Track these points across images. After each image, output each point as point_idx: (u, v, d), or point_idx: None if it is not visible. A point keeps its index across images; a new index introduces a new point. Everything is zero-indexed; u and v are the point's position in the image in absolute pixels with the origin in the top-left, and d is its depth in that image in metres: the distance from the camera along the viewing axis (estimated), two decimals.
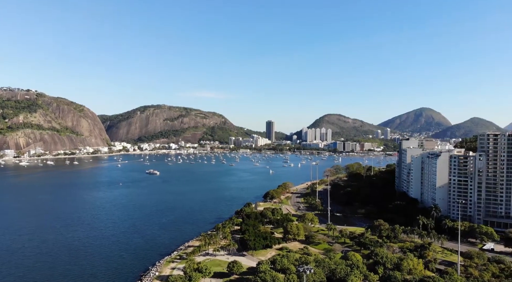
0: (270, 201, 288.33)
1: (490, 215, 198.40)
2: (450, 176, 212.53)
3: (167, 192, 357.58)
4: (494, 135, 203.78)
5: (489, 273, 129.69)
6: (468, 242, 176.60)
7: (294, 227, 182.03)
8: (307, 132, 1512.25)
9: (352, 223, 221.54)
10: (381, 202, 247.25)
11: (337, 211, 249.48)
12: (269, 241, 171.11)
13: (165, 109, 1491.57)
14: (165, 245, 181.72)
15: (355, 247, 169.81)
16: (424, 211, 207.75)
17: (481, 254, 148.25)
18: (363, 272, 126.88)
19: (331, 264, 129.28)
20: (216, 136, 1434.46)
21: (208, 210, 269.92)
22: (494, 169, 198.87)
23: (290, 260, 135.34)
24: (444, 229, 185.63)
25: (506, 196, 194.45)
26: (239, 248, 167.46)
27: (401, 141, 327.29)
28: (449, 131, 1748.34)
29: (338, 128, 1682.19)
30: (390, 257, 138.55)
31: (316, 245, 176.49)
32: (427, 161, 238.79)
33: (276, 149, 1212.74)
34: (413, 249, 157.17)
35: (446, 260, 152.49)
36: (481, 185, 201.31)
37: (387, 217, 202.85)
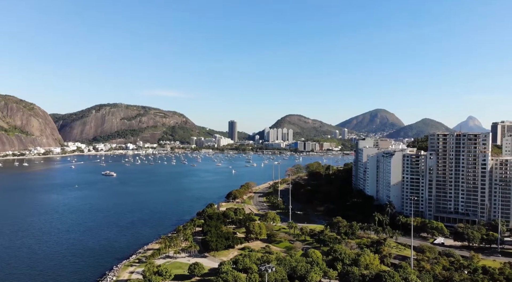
0: (232, 201, 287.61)
1: (440, 211, 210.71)
2: (403, 174, 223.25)
3: (124, 194, 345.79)
4: (444, 135, 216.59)
5: (440, 266, 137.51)
6: (421, 237, 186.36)
7: (256, 226, 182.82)
8: (269, 133, 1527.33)
9: (312, 220, 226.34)
10: (340, 200, 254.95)
11: (298, 209, 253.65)
12: (231, 241, 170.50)
13: (122, 108, 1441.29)
14: (123, 248, 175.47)
15: (315, 244, 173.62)
16: (379, 208, 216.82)
17: (432, 248, 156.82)
18: (323, 269, 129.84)
19: (292, 261, 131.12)
20: (176, 136, 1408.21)
21: (169, 212, 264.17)
22: (443, 167, 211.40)
23: (252, 260, 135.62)
24: (398, 225, 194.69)
25: (455, 193, 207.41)
26: (201, 250, 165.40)
27: (358, 141, 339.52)
28: (402, 132, 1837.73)
29: (299, 128, 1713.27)
30: (348, 253, 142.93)
31: (278, 243, 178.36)
32: (382, 160, 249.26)
33: (238, 149, 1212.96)
34: (369, 244, 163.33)
35: (400, 255, 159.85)
36: (432, 182, 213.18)
37: (345, 214, 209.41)
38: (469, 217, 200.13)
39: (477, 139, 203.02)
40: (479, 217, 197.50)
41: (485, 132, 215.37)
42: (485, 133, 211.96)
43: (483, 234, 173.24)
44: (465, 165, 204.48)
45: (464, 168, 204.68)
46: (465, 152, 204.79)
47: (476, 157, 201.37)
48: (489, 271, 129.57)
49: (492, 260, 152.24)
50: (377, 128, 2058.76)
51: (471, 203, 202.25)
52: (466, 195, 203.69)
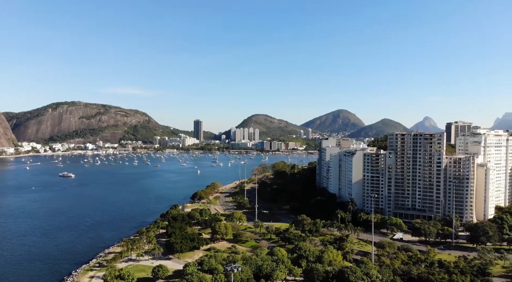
0: (198, 201, 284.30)
1: (399, 207, 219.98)
2: (364, 172, 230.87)
3: (84, 195, 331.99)
4: (402, 135, 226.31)
5: (399, 260, 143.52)
6: (381, 233, 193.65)
7: (222, 226, 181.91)
8: (236, 132, 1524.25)
9: (278, 219, 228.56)
10: (304, 198, 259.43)
11: (264, 208, 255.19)
12: (196, 242, 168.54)
13: (81, 107, 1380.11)
14: (83, 252, 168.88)
15: (280, 243, 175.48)
16: (342, 205, 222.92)
17: (392, 244, 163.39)
18: (288, 266, 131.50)
19: (258, 260, 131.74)
20: (139, 136, 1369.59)
21: (131, 214, 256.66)
22: (401, 165, 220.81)
23: (218, 260, 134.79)
24: (359, 222, 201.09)
25: (412, 190, 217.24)
26: (165, 252, 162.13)
27: (321, 141, 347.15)
28: (363, 131, 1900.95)
29: (265, 128, 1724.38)
30: (312, 250, 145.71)
31: (244, 243, 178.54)
32: (344, 159, 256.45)
33: (204, 149, 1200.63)
34: (332, 241, 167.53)
35: (362, 251, 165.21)
36: (391, 180, 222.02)
37: (310, 212, 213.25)
38: (425, 213, 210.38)
39: (433, 139, 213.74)
40: (435, 213, 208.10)
41: (440, 132, 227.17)
42: (440, 133, 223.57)
43: (438, 229, 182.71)
44: (421, 163, 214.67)
45: (420, 166, 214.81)
46: (421, 151, 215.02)
47: (431, 155, 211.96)
48: (445, 264, 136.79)
49: (447, 254, 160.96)
50: (339, 128, 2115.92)
51: (427, 200, 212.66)
52: (422, 192, 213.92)
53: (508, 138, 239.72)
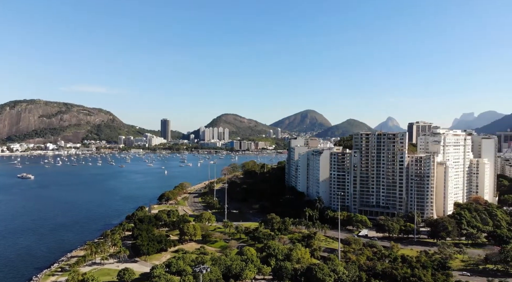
0: (165, 202, 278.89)
1: (364, 205, 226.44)
2: (331, 171, 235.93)
3: (44, 198, 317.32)
4: (366, 135, 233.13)
5: (364, 256, 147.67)
6: (347, 230, 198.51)
7: (191, 227, 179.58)
8: (205, 132, 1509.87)
9: (247, 218, 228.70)
10: (274, 197, 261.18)
11: (234, 208, 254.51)
12: (164, 244, 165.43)
13: (41, 105, 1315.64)
14: (44, 257, 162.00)
15: (250, 242, 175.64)
16: (310, 203, 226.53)
17: (357, 240, 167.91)
18: (257, 265, 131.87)
19: (227, 260, 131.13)
20: (103, 136, 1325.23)
21: (95, 216, 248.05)
22: (366, 164, 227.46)
23: (186, 261, 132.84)
24: (327, 219, 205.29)
25: (376, 188, 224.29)
26: (131, 254, 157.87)
27: (290, 140, 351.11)
28: (330, 131, 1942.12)
29: (235, 127, 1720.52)
30: (281, 248, 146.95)
31: (213, 243, 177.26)
32: (311, 158, 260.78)
33: (172, 149, 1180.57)
34: (301, 239, 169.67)
35: (329, 247, 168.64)
36: (356, 179, 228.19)
37: (279, 211, 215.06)
38: (389, 210, 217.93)
39: (395, 139, 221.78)
40: (397, 209, 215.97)
41: (402, 132, 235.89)
42: (402, 133, 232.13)
43: (401, 225, 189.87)
44: (385, 162, 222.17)
45: (384, 164, 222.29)
46: (385, 150, 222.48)
47: (394, 154, 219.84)
48: (408, 259, 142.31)
49: (410, 249, 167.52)
50: (307, 128, 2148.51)
51: (390, 197, 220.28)
52: (386, 189, 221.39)
53: (465, 138, 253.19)
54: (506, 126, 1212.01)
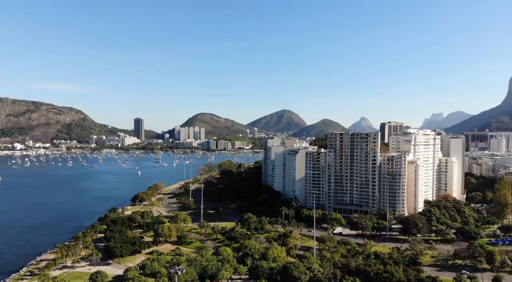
0: (139, 204, 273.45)
1: (338, 203, 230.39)
2: (306, 170, 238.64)
3: (12, 199, 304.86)
4: (340, 135, 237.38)
5: (339, 254, 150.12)
6: (322, 228, 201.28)
7: (165, 228, 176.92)
8: (180, 131, 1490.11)
9: (224, 218, 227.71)
10: (250, 196, 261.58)
11: (210, 208, 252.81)
12: (138, 246, 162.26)
13: (8, 103, 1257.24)
14: (12, 261, 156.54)
15: (226, 242, 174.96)
16: (286, 202, 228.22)
17: (332, 238, 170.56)
18: (234, 265, 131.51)
19: (203, 261, 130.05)
20: (73, 135, 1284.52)
21: (66, 218, 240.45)
22: (340, 163, 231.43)
23: (161, 263, 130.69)
24: (302, 218, 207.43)
25: (350, 186, 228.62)
26: (104, 257, 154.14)
27: (267, 140, 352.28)
28: (305, 131, 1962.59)
29: (211, 127, 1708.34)
30: (257, 248, 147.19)
31: (188, 244, 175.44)
32: (288, 157, 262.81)
33: (146, 148, 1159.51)
34: (277, 238, 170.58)
35: (304, 246, 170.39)
36: (330, 177, 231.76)
37: (255, 210, 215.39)
38: (362, 208, 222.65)
39: (368, 138, 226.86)
40: (370, 207, 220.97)
41: (374, 132, 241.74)
42: (374, 132, 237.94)
43: (374, 223, 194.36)
44: (358, 161, 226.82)
45: (357, 163, 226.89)
46: (358, 149, 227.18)
47: (367, 153, 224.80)
48: (380, 256, 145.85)
49: (382, 246, 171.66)
50: (284, 128, 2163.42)
51: (363, 195, 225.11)
52: (359, 188, 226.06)
53: (435, 138, 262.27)
54: (473, 126, 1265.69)
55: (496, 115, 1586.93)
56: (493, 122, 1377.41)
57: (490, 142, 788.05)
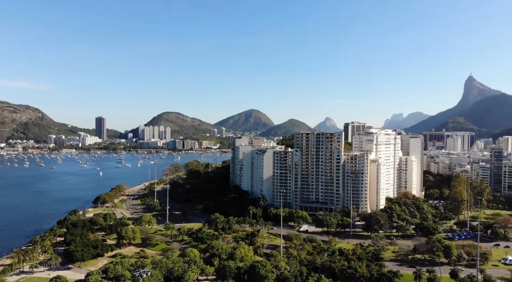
0: (101, 205, 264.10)
1: (305, 201, 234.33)
2: (274, 169, 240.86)
3: None
4: (306, 134, 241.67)
5: (305, 251, 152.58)
6: (289, 226, 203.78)
7: (129, 231, 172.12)
8: (145, 130, 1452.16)
9: (191, 219, 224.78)
10: (218, 196, 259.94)
11: (176, 209, 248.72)
12: (100, 249, 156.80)
13: None
14: None
15: (193, 243, 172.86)
16: (254, 201, 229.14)
17: (298, 236, 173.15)
18: (200, 266, 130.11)
19: (169, 263, 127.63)
20: (30, 134, 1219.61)
21: (23, 221, 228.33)
22: (306, 162, 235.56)
23: (125, 266, 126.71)
24: (270, 216, 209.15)
25: (316, 184, 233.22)
26: (64, 261, 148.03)
27: (235, 139, 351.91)
28: (273, 131, 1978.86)
29: (177, 126, 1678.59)
30: (225, 248, 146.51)
31: (154, 246, 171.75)
32: (256, 157, 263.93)
33: (108, 148, 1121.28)
34: (244, 237, 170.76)
35: (272, 244, 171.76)
36: (297, 176, 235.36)
37: (223, 210, 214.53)
38: (327, 205, 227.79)
39: (333, 138, 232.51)
40: (335, 205, 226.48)
41: (339, 132, 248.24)
42: (339, 132, 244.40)
43: (338, 220, 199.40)
44: (323, 160, 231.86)
45: (323, 162, 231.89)
46: (323, 148, 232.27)
47: (332, 153, 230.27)
48: (344, 252, 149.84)
49: (346, 242, 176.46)
50: (251, 127, 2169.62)
51: (328, 193, 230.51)
52: (324, 186, 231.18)
53: (395, 137, 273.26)
54: (431, 127, 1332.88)
55: (452, 116, 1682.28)
56: (450, 122, 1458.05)
57: (447, 141, 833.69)
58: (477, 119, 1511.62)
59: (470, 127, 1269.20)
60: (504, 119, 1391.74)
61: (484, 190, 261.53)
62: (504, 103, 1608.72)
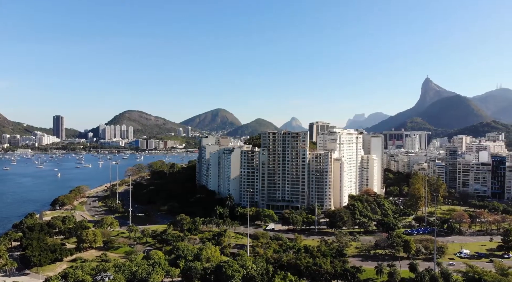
0: (60, 208, 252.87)
1: (271, 200, 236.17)
2: (241, 169, 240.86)
3: None
4: (273, 134, 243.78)
5: (271, 249, 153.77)
6: (256, 225, 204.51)
7: (90, 234, 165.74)
8: (106, 130, 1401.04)
9: (155, 221, 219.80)
10: (184, 197, 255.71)
11: (140, 211, 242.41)
12: (59, 253, 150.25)
13: None
14: None
15: (157, 245, 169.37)
16: (221, 201, 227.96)
17: (265, 234, 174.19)
18: (165, 268, 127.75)
19: (132, 266, 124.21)
20: None
21: None
22: (273, 161, 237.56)
23: (85, 270, 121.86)
24: (237, 216, 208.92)
25: (282, 183, 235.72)
26: (20, 267, 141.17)
27: (201, 139, 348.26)
28: (240, 130, 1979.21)
29: (140, 125, 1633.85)
30: (191, 249, 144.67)
31: (116, 249, 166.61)
32: (223, 156, 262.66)
33: (67, 148, 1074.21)
34: (211, 238, 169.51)
35: (238, 244, 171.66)
36: (264, 175, 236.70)
37: (189, 211, 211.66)
38: (293, 204, 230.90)
39: (298, 137, 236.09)
40: (300, 203, 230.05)
41: (304, 131, 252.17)
42: (304, 132, 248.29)
43: (304, 218, 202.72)
44: (289, 159, 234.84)
45: (289, 161, 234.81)
46: (289, 147, 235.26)
47: (297, 152, 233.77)
48: (309, 249, 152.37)
49: (311, 239, 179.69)
50: (218, 127, 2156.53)
51: (294, 191, 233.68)
52: (291, 184, 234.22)
53: (357, 136, 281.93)
54: (391, 126, 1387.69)
55: (410, 116, 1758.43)
56: (408, 122, 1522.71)
57: (405, 140, 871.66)
58: (434, 119, 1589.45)
59: (427, 127, 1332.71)
60: (459, 119, 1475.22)
61: (440, 187, 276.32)
62: (459, 104, 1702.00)
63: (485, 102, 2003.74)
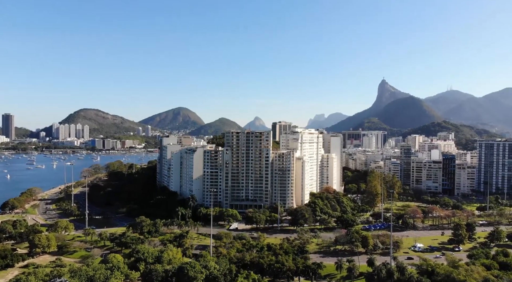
0: (10, 212, 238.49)
1: (235, 199, 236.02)
2: (204, 168, 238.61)
3: None
4: (237, 133, 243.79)
5: (234, 249, 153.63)
6: (219, 225, 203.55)
7: (43, 238, 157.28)
8: (59, 129, 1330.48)
9: (114, 223, 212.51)
10: (143, 198, 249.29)
11: (97, 213, 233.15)
12: (10, 259, 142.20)
13: None
14: None
15: (116, 248, 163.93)
16: (183, 202, 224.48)
17: (228, 234, 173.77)
18: (124, 272, 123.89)
19: (89, 271, 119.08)
20: None
21: None
22: (237, 160, 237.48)
23: (38, 276, 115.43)
24: (200, 216, 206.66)
25: (246, 182, 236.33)
26: None
27: (162, 138, 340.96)
28: (203, 129, 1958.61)
29: (97, 124, 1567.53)
30: (151, 251, 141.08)
31: (71, 254, 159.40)
32: (185, 156, 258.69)
33: (17, 148, 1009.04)
34: (172, 239, 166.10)
35: (201, 245, 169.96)
36: (228, 175, 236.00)
37: (149, 212, 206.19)
38: (257, 203, 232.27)
39: (262, 137, 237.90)
40: (264, 202, 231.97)
41: (267, 131, 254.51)
42: (267, 131, 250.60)
43: (267, 216, 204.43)
44: (253, 158, 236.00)
45: (252, 160, 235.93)
46: (253, 147, 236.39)
47: (261, 151, 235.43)
48: (272, 247, 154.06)
49: (274, 237, 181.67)
50: (180, 126, 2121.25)
51: (258, 190, 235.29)
52: (254, 183, 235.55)
53: (318, 136, 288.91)
54: (349, 126, 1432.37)
55: (367, 116, 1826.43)
56: (365, 122, 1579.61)
57: (363, 140, 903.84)
58: (389, 119, 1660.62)
59: (383, 127, 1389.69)
60: (412, 119, 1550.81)
61: (396, 184, 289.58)
62: (412, 105, 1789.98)
63: (437, 103, 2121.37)
